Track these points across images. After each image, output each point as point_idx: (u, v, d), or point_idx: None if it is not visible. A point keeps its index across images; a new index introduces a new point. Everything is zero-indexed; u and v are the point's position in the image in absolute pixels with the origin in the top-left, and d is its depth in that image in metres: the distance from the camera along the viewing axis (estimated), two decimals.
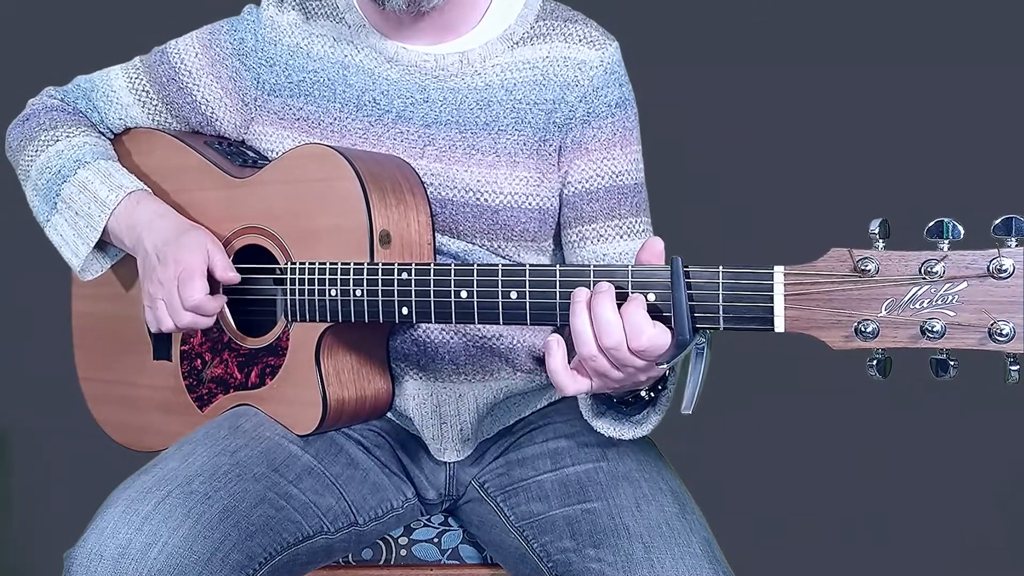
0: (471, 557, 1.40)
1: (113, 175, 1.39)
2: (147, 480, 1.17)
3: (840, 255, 0.97)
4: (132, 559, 1.09)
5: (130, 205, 1.37)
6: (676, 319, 1.02)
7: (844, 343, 0.98)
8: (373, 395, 1.33)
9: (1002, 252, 0.93)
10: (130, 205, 1.37)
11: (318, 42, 1.38)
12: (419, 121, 1.34)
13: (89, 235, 1.38)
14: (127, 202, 1.37)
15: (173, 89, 1.43)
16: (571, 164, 1.35)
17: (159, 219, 1.35)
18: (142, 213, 1.36)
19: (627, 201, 1.37)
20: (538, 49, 1.35)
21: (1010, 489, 2.31)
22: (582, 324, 1.04)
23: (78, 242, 1.40)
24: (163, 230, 1.33)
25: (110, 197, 1.37)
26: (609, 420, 1.20)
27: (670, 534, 1.16)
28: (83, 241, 1.39)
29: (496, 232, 1.34)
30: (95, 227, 1.38)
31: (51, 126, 1.45)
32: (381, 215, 1.24)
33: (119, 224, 1.37)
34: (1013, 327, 0.93)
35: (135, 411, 1.47)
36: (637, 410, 1.18)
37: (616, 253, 1.35)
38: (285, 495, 1.22)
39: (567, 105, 1.34)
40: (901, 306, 0.96)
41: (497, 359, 1.37)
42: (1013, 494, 2.32)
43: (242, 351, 1.35)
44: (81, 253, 1.40)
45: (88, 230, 1.38)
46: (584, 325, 1.04)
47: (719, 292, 1.01)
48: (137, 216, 1.36)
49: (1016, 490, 2.31)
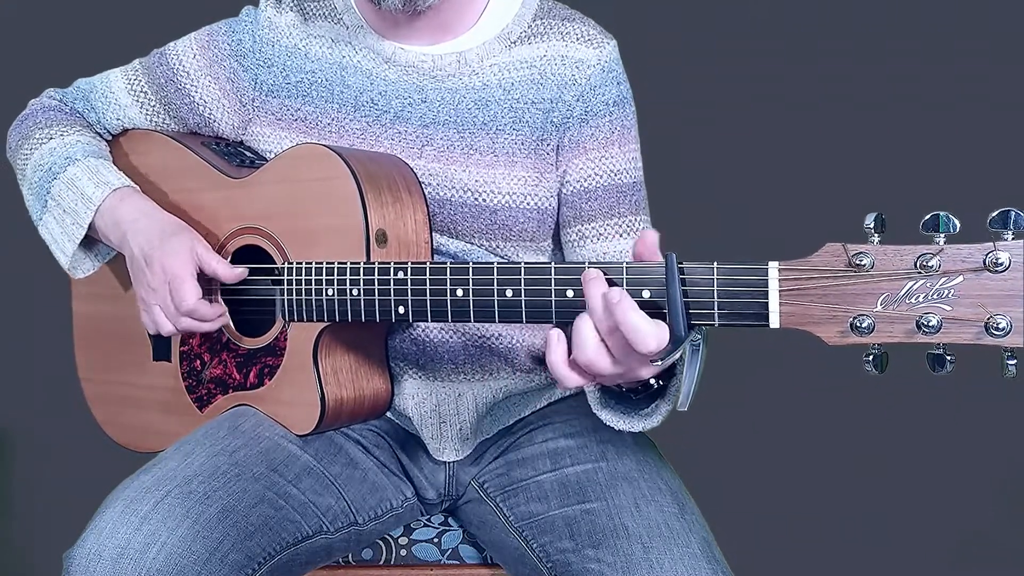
0: (471, 557, 1.40)
1: (101, 172, 1.39)
2: (146, 480, 1.17)
3: (835, 250, 0.97)
4: (131, 559, 1.09)
5: (115, 201, 1.36)
6: (671, 316, 1.01)
7: (840, 338, 0.97)
8: (372, 395, 1.33)
9: (998, 246, 0.92)
10: (115, 201, 1.36)
11: (316, 43, 1.38)
12: (417, 121, 1.34)
13: (75, 232, 1.38)
14: (112, 198, 1.36)
15: (171, 90, 1.43)
16: (569, 163, 1.35)
17: (144, 218, 1.34)
18: (126, 211, 1.35)
19: (626, 199, 1.36)
20: (535, 48, 1.35)
21: (1008, 484, 2.31)
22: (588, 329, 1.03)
23: (65, 239, 1.40)
24: (147, 231, 1.33)
25: (96, 193, 1.36)
26: (617, 412, 1.17)
27: (669, 534, 1.16)
28: (70, 239, 1.39)
29: (495, 232, 1.34)
30: (81, 224, 1.37)
31: (46, 125, 1.45)
32: (377, 214, 1.24)
33: (104, 221, 1.36)
34: (1010, 321, 0.92)
35: (135, 411, 1.47)
36: (646, 402, 1.16)
37: (616, 251, 1.35)
38: (284, 495, 1.22)
39: (565, 104, 1.34)
40: (897, 301, 0.95)
41: (496, 359, 1.37)
42: (1011, 489, 2.31)
43: (240, 351, 1.35)
44: (68, 251, 1.40)
45: (74, 227, 1.38)
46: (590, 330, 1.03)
47: (714, 288, 1.01)
48: (121, 213, 1.35)
49: (1014, 485, 2.31)
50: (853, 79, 2.28)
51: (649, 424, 1.15)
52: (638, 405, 1.16)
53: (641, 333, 0.99)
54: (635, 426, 1.16)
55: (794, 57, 2.29)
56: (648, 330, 0.99)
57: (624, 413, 1.16)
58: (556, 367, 1.05)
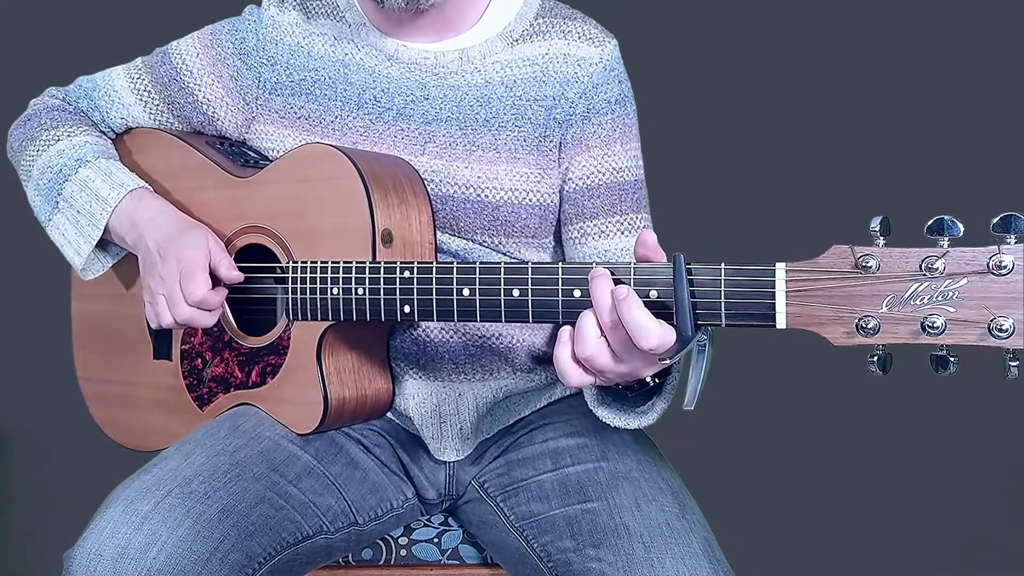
0: (471, 557, 1.40)
1: (114, 173, 1.39)
2: (146, 480, 1.17)
3: (841, 252, 0.97)
4: (131, 559, 1.09)
5: (131, 203, 1.37)
6: (678, 316, 1.02)
7: (846, 339, 0.98)
8: (374, 394, 1.33)
9: (1002, 249, 0.93)
10: (131, 203, 1.37)
11: (319, 41, 1.38)
12: (419, 118, 1.35)
13: (91, 233, 1.38)
14: (128, 200, 1.37)
15: (175, 89, 1.43)
16: (572, 160, 1.36)
17: (161, 216, 1.35)
18: (143, 211, 1.36)
19: (628, 197, 1.37)
20: (538, 46, 1.36)
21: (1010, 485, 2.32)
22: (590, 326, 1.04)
23: (80, 240, 1.40)
24: (164, 227, 1.33)
25: (112, 195, 1.37)
26: (614, 410, 1.18)
27: (670, 534, 1.16)
28: (85, 240, 1.39)
29: (496, 228, 1.35)
30: (97, 225, 1.38)
31: (52, 126, 1.45)
32: (383, 214, 1.24)
33: (120, 222, 1.37)
34: (1013, 323, 0.93)
35: (135, 411, 1.47)
36: (642, 400, 1.17)
37: (617, 249, 1.36)
38: (285, 495, 1.22)
39: (567, 101, 1.34)
40: (902, 302, 0.96)
41: (497, 358, 1.37)
42: (1013, 490, 2.32)
43: (243, 350, 1.35)
44: (83, 252, 1.40)
45: (90, 228, 1.38)
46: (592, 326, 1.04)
47: (721, 289, 1.02)
48: (139, 214, 1.36)
49: (1016, 486, 2.32)
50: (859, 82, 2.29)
51: (645, 421, 1.16)
52: (635, 403, 1.17)
53: (644, 330, 1.00)
54: (631, 423, 1.17)
55: (800, 59, 2.30)
56: (651, 327, 1.00)
57: (620, 410, 1.17)
58: (561, 362, 1.06)
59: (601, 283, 1.03)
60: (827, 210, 2.00)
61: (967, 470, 2.29)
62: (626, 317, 1.01)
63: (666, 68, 2.15)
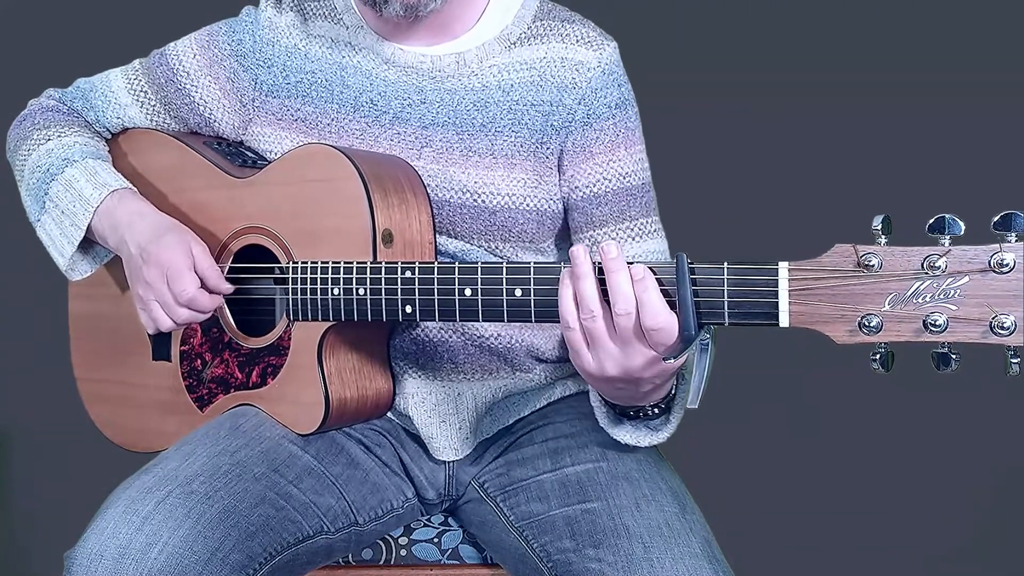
0: (471, 557, 1.40)
1: (99, 173, 1.38)
2: (147, 480, 1.17)
3: (844, 251, 0.98)
4: (132, 559, 1.09)
5: (112, 203, 1.36)
6: (682, 315, 1.02)
7: (849, 337, 0.99)
8: (374, 394, 1.33)
9: (1003, 247, 0.94)
10: (112, 203, 1.36)
11: (316, 43, 1.38)
12: (416, 122, 1.35)
13: (73, 234, 1.38)
14: (110, 200, 1.36)
15: (171, 90, 1.43)
16: (576, 168, 1.35)
17: (139, 218, 1.34)
18: (122, 212, 1.35)
19: (636, 202, 1.36)
20: (535, 50, 1.35)
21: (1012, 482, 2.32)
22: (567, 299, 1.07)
23: (63, 241, 1.39)
24: (144, 230, 1.32)
25: (93, 195, 1.36)
26: (628, 428, 1.21)
27: (670, 534, 1.16)
28: (68, 240, 1.38)
29: (494, 233, 1.35)
30: (79, 226, 1.37)
31: (44, 125, 1.45)
32: (384, 214, 1.24)
33: (102, 223, 1.36)
34: (1014, 320, 0.94)
35: (133, 411, 1.46)
36: (655, 418, 1.20)
37: (630, 255, 1.34)
38: (285, 495, 1.22)
39: (565, 108, 1.34)
40: (904, 300, 0.97)
41: (496, 358, 1.37)
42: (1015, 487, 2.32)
43: (243, 351, 1.35)
44: (66, 252, 1.39)
45: (72, 229, 1.38)
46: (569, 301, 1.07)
47: (724, 288, 1.02)
48: (118, 215, 1.35)
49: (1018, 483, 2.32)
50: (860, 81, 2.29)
51: (659, 438, 1.21)
52: (647, 419, 1.20)
53: (653, 306, 1.03)
54: (643, 440, 1.21)
55: (802, 58, 2.30)
56: (662, 308, 1.03)
57: (634, 428, 1.21)
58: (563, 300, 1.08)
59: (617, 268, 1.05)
60: (829, 209, 2.00)
61: (967, 470, 2.29)
62: (642, 298, 1.03)
63: (668, 67, 2.15)
